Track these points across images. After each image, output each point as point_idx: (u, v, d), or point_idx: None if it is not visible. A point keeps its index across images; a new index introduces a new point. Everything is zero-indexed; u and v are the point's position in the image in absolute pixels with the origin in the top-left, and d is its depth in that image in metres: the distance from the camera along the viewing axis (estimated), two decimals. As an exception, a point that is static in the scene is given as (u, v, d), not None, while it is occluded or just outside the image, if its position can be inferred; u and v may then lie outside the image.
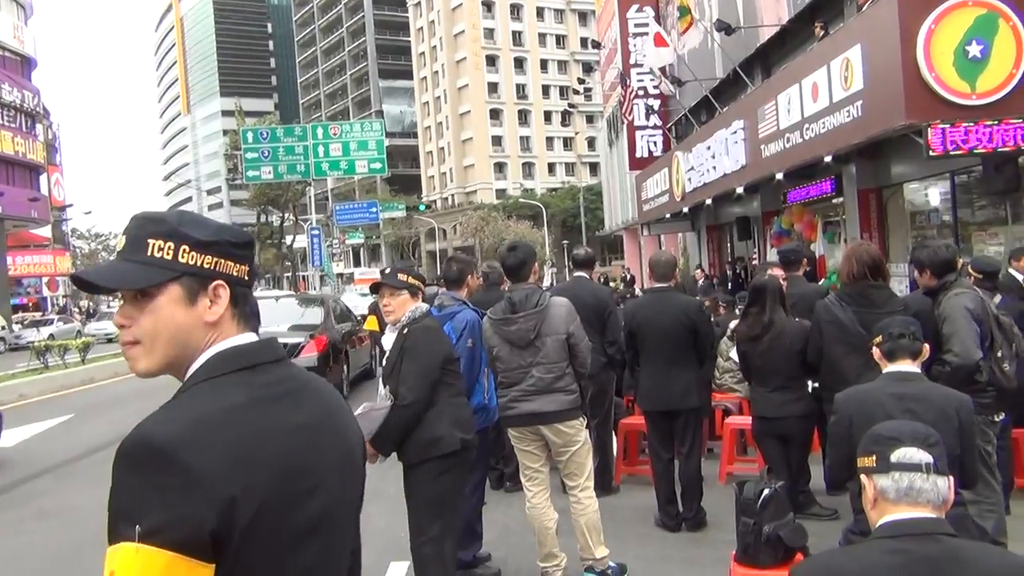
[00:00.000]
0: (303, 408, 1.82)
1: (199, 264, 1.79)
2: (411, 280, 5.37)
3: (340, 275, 59.70)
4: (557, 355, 5.88)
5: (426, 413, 5.11)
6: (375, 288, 5.53)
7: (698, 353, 7.29)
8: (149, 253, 1.76)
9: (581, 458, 6.05)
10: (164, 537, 1.53)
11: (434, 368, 5.14)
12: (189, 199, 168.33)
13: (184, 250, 1.77)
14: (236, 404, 1.71)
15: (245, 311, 1.88)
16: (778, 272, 7.90)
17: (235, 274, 1.85)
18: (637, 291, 32.73)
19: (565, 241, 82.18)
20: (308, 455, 1.77)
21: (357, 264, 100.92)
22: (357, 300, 29.63)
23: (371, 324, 16.79)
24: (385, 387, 5.21)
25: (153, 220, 1.81)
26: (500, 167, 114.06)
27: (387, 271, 5.48)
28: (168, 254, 1.77)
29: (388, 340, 5.56)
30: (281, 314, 16.68)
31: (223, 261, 1.82)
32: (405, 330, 5.25)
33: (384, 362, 5.54)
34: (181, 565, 1.54)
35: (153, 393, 15.34)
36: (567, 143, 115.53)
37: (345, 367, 16.83)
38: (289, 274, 67.35)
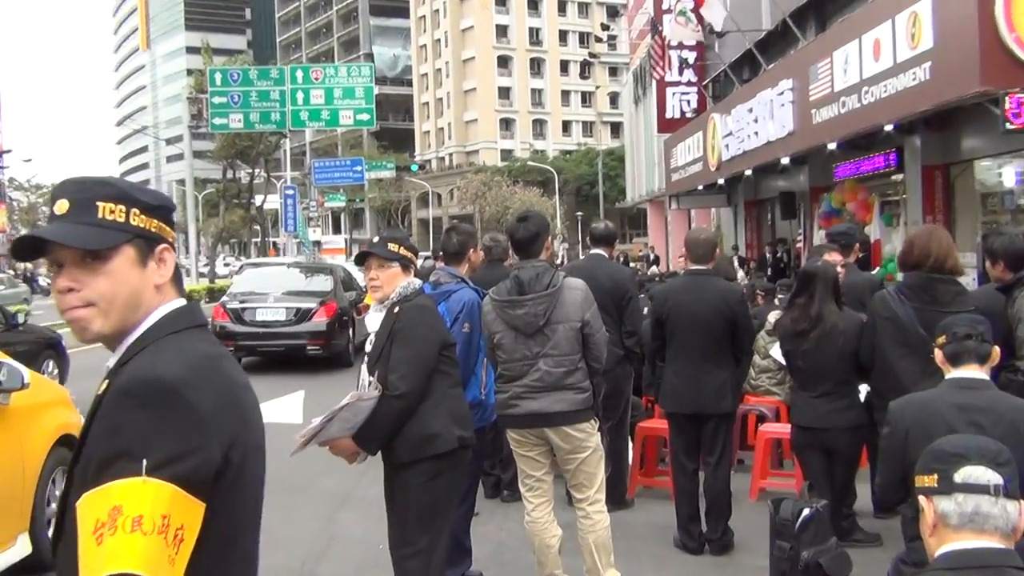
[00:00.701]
0: (239, 370, 2.13)
1: (148, 228, 2.06)
2: (403, 251, 5.30)
3: (317, 243, 59.65)
4: (569, 346, 5.86)
5: (420, 406, 5.06)
6: (361, 259, 5.48)
7: (736, 349, 7.28)
8: (101, 215, 2.00)
9: (591, 467, 6.04)
10: (171, 470, 1.76)
11: (431, 354, 5.10)
12: (145, 148, 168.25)
13: (135, 213, 2.04)
14: (208, 354, 2.01)
15: (178, 275, 2.15)
16: (835, 258, 7.81)
17: (171, 239, 2.12)
18: (654, 269, 32.79)
19: (579, 213, 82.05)
20: (254, 412, 2.10)
21: (337, 230, 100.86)
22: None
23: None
24: (372, 376, 5.13)
25: (100, 183, 2.05)
26: (507, 124, 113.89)
27: (375, 240, 5.41)
28: (120, 216, 2.02)
29: (373, 320, 5.51)
30: (292, 280, 20.06)
31: (164, 226, 2.10)
32: (396, 309, 5.18)
33: (368, 346, 5.51)
34: (182, 501, 1.76)
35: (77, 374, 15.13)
36: (586, 98, 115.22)
37: (351, 332, 19.25)
38: (258, 240, 67.28)
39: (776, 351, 8.77)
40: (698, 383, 7.17)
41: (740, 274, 21.80)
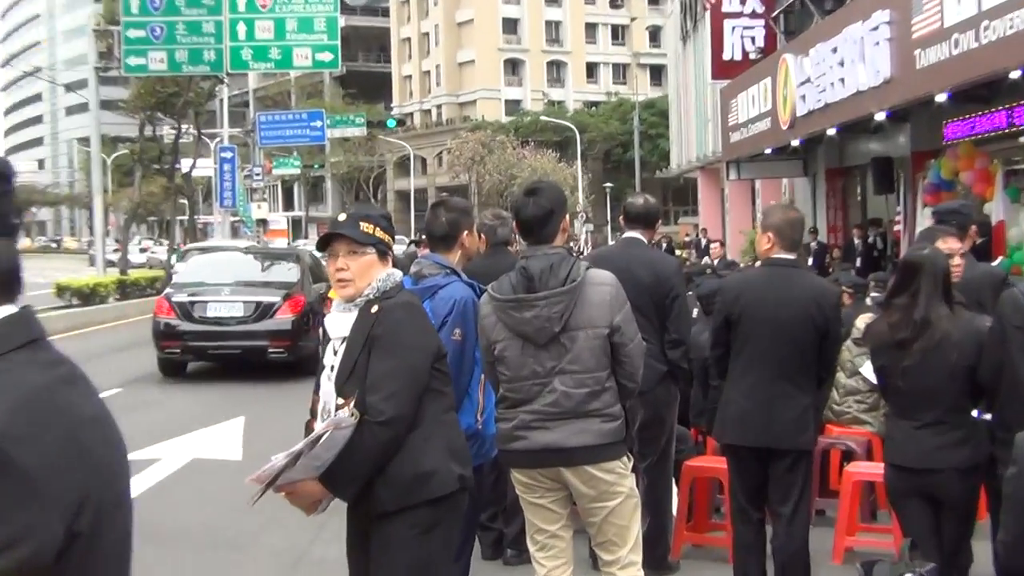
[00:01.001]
0: (90, 397, 2.07)
1: None
2: (379, 234, 5.25)
3: (262, 221, 59.78)
4: (593, 360, 5.85)
5: (408, 436, 5.01)
6: (324, 243, 5.40)
7: (821, 366, 7.22)
8: None
9: (623, 519, 6.04)
10: (5, 560, 1.70)
11: (424, 367, 5.07)
12: (38, 97, 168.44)
13: None
14: (41, 386, 1.92)
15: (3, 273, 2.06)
16: (952, 245, 7.73)
17: None
18: (707, 260, 32.79)
19: (608, 184, 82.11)
20: (112, 453, 2.05)
21: (289, 206, 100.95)
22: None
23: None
24: (347, 401, 5.03)
25: None
26: (513, 67, 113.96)
27: (342, 218, 5.36)
28: None
29: (338, 323, 5.45)
30: (250, 269, 21.27)
31: None
32: (374, 308, 5.14)
33: (331, 357, 5.45)
34: None
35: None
36: (617, 34, 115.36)
37: (321, 333, 18.78)
38: (184, 217, 67.22)
39: (867, 368, 8.74)
40: (772, 409, 7.05)
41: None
